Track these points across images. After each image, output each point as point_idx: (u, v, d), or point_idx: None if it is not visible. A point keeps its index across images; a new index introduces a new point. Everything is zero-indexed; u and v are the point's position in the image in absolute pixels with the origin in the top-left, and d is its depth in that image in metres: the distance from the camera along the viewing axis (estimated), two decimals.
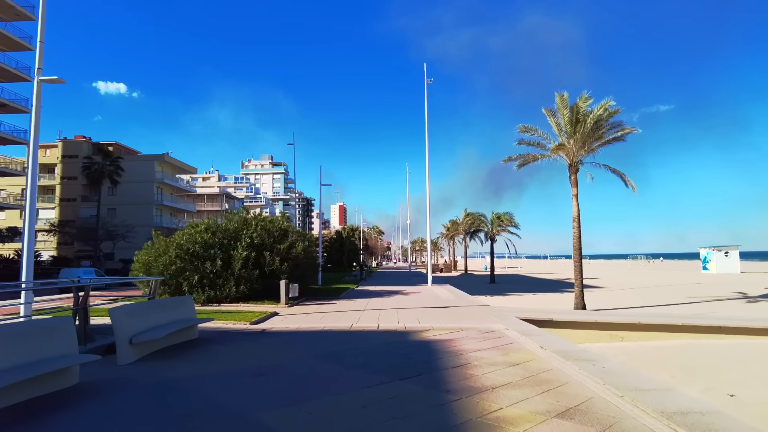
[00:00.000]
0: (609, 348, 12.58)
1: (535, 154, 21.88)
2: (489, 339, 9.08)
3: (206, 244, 16.26)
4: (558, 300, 26.06)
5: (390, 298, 18.29)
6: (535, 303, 24.18)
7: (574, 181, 21.16)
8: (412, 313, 13.13)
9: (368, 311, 13.77)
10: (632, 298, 27.36)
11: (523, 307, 18.17)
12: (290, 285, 15.67)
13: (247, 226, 17.49)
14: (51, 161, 62.29)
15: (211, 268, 15.62)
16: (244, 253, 16.00)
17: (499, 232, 39.95)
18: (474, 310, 14.00)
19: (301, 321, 11.87)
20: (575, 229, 21.09)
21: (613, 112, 20.12)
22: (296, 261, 17.42)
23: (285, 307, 14.93)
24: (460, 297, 18.85)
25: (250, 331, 10.41)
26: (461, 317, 12.35)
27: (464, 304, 16.09)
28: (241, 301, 15.71)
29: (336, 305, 15.69)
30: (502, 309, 14.89)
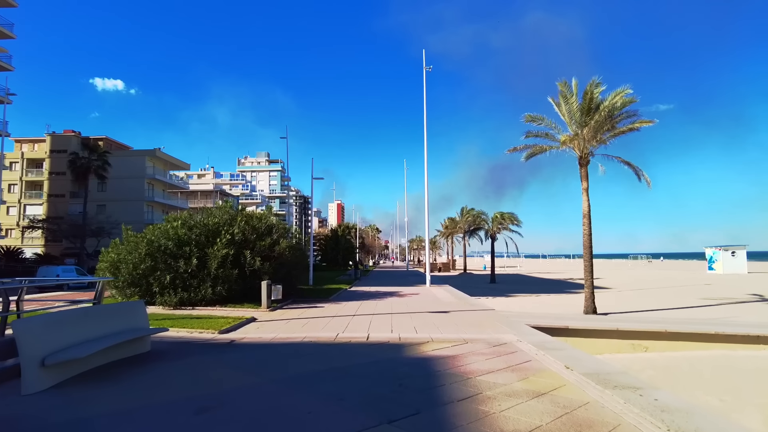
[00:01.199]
0: (634, 360, 11.02)
1: (543, 146, 20.28)
2: (501, 355, 7.49)
3: (180, 241, 14.63)
4: (565, 302, 24.51)
5: (385, 300, 16.69)
6: (540, 306, 22.61)
7: (585, 174, 19.58)
8: (409, 320, 11.53)
9: (359, 317, 12.17)
10: (643, 299, 25.82)
11: (530, 311, 16.59)
12: (273, 286, 14.06)
13: (230, 221, 15.87)
14: (39, 156, 60.46)
15: (185, 268, 14.00)
16: (223, 251, 14.37)
17: (500, 231, 38.39)
18: (478, 316, 12.41)
19: (279, 329, 10.26)
20: (586, 226, 19.53)
21: (628, 101, 18.53)
22: (280, 260, 15.80)
23: (265, 312, 13.32)
24: (461, 299, 17.26)
25: (216, 342, 8.79)
26: (464, 325, 10.76)
27: (466, 307, 14.50)
28: (218, 305, 14.10)
29: (324, 309, 14.08)
30: (508, 314, 13.31)
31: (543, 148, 20.28)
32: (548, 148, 20.07)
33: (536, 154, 20.73)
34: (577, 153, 19.62)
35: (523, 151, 20.70)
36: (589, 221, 19.58)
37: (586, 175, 19.58)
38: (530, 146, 20.51)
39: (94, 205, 54.95)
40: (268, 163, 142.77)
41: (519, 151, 20.74)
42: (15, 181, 58.73)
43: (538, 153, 20.62)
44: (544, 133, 19.84)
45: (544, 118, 19.80)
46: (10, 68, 40.50)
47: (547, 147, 20.14)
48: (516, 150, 20.72)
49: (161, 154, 61.59)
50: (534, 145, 20.41)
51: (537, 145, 20.41)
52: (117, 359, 6.98)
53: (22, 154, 59.83)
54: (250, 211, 17.79)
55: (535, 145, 20.42)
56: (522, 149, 20.60)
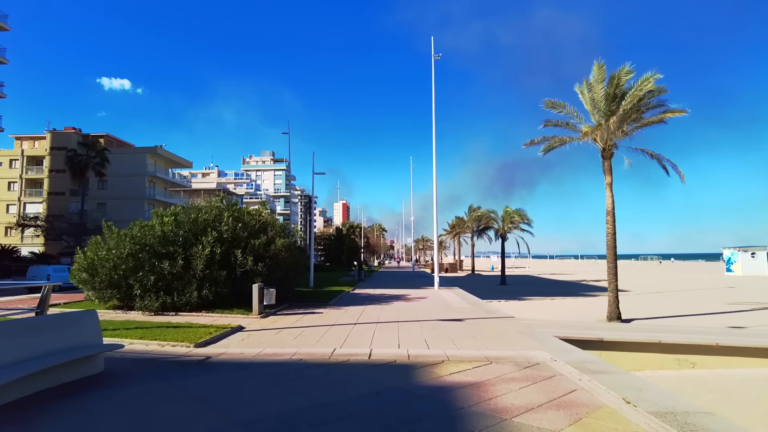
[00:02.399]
0: (682, 379, 9.41)
1: (563, 137, 18.65)
2: (536, 381, 5.94)
3: (165, 238, 13.20)
4: (583, 307, 22.85)
5: (390, 305, 15.17)
6: (559, 311, 20.98)
7: (608, 168, 17.95)
8: (418, 330, 10.00)
9: (361, 326, 10.65)
10: (666, 304, 24.08)
11: (552, 319, 14.99)
12: (265, 290, 12.59)
13: (219, 217, 14.42)
14: (39, 153, 59.58)
15: (169, 268, 12.56)
16: (208, 249, 12.92)
17: (510, 230, 36.70)
18: (497, 325, 10.86)
19: (267, 342, 8.76)
20: (609, 224, 17.90)
21: (658, 89, 16.86)
22: (276, 260, 14.32)
23: (256, 319, 11.84)
24: (474, 304, 15.70)
25: (188, 359, 7.32)
26: (484, 337, 9.20)
27: (482, 314, 12.94)
28: (205, 310, 12.65)
29: (322, 315, 12.58)
30: (530, 323, 11.74)
31: (563, 140, 18.66)
32: (569, 140, 18.44)
33: (555, 147, 19.11)
34: (600, 145, 18.00)
35: (541, 144, 19.10)
36: (613, 219, 17.95)
37: (609, 169, 17.96)
38: (549, 138, 18.90)
39: (95, 203, 53.97)
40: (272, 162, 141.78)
41: (537, 144, 19.13)
42: (15, 179, 57.92)
43: (557, 146, 19.00)
44: (564, 122, 18.22)
45: (565, 105, 18.19)
46: (5, 61, 39.44)
47: (567, 138, 18.52)
48: (533, 143, 19.12)
49: (162, 151, 60.45)
50: (553, 137, 18.79)
51: (556, 137, 18.79)
52: (55, 385, 5.53)
53: (22, 152, 59.00)
54: (243, 206, 16.33)
55: (554, 137, 18.80)
56: (540, 142, 18.99)
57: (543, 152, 19.37)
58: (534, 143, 19.08)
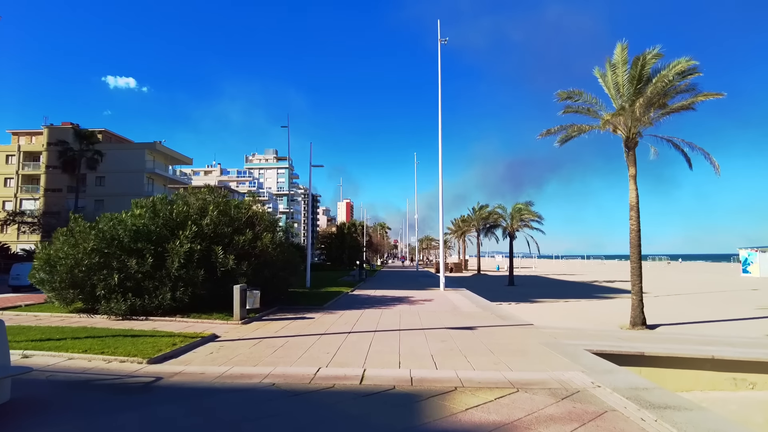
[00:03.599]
0: (743, 403, 7.78)
1: (582, 125, 16.98)
2: (584, 423, 4.34)
3: (138, 233, 11.71)
4: (602, 310, 21.18)
5: (392, 309, 13.60)
6: (576, 315, 19.33)
7: (632, 158, 16.30)
8: (423, 341, 8.42)
9: (356, 335, 9.09)
10: (690, 308, 22.35)
11: (575, 327, 13.36)
12: (248, 292, 11.05)
13: (202, 210, 12.91)
14: (36, 149, 58.43)
15: (138, 267, 11.07)
16: (186, 246, 11.41)
17: (519, 228, 35.02)
18: (515, 335, 9.26)
19: (240, 356, 7.22)
20: (633, 220, 16.26)
21: (690, 70, 15.16)
22: (263, 258, 12.79)
23: (236, 325, 10.31)
24: (484, 308, 14.10)
25: (131, 382, 5.78)
26: (503, 351, 7.61)
27: (495, 320, 11.35)
28: (180, 314, 11.14)
29: (313, 321, 11.03)
30: (553, 332, 10.13)
31: (582, 129, 17.00)
32: (588, 128, 16.77)
33: (573, 136, 17.47)
34: (623, 134, 16.35)
35: (558, 134, 17.44)
36: (638, 214, 16.31)
37: (633, 160, 16.30)
38: (566, 127, 17.23)
39: (92, 200, 52.79)
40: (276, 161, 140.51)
41: (553, 134, 17.46)
42: (11, 175, 56.84)
43: (576, 135, 17.36)
44: (585, 108, 16.56)
45: (582, 93, 16.53)
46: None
47: (587, 127, 16.84)
48: (550, 133, 17.46)
49: (162, 147, 59.07)
50: (571, 125, 17.13)
51: (574, 125, 17.12)
52: None
53: (18, 147, 57.83)
54: (233, 199, 14.79)
55: (572, 125, 17.14)
56: (557, 131, 17.33)
57: (559, 142, 17.74)
58: (551, 133, 17.43)
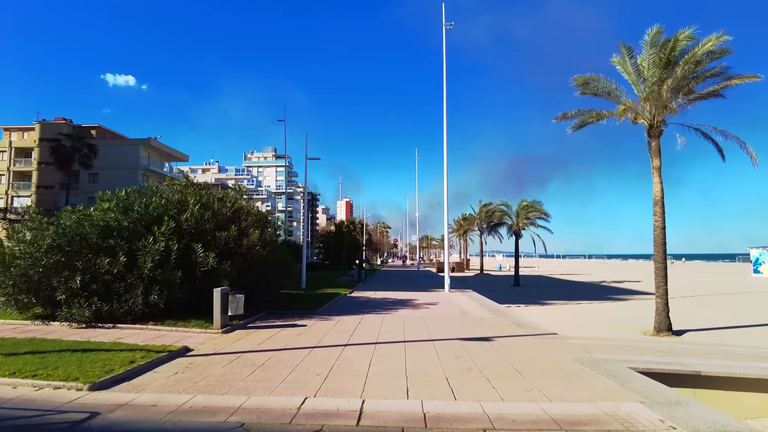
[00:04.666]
0: None
1: (600, 112, 15.58)
2: None
3: (108, 229, 10.32)
4: (619, 314, 19.79)
5: (394, 314, 12.21)
6: (593, 319, 17.94)
7: (656, 149, 14.90)
8: (434, 358, 7.03)
9: (353, 348, 7.70)
10: (711, 311, 20.95)
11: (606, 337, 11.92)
12: (231, 295, 9.65)
13: (183, 204, 11.51)
14: (28, 145, 56.95)
15: (107, 267, 9.67)
16: (162, 243, 10.01)
17: (526, 226, 33.63)
18: (541, 348, 7.87)
19: (208, 379, 5.83)
20: (658, 215, 14.85)
21: (721, 50, 13.76)
22: (250, 257, 11.40)
23: (215, 334, 8.92)
24: (497, 313, 12.70)
25: (55, 420, 4.38)
26: (532, 371, 6.22)
27: (512, 329, 9.95)
28: (154, 321, 9.74)
29: (305, 330, 9.64)
30: (582, 343, 8.73)
31: (600, 115, 15.58)
32: (608, 115, 15.35)
33: (589, 123, 16.06)
34: (646, 122, 14.95)
35: (573, 119, 16.04)
36: (662, 210, 14.90)
37: (658, 150, 14.90)
38: (583, 112, 15.83)
39: (85, 198, 51.36)
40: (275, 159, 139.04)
41: (569, 119, 16.04)
42: (2, 172, 55.43)
43: (592, 122, 15.96)
44: (605, 92, 15.12)
45: (601, 78, 15.10)
46: None
47: (606, 113, 15.42)
48: (566, 117, 16.04)
49: (156, 143, 57.61)
50: (589, 111, 15.72)
51: (593, 111, 15.71)
52: None
53: (10, 143, 56.37)
54: (218, 193, 13.36)
55: (590, 111, 15.73)
56: (573, 116, 15.92)
57: (573, 129, 16.34)
58: (566, 117, 16.01)
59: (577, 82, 15.05)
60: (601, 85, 14.96)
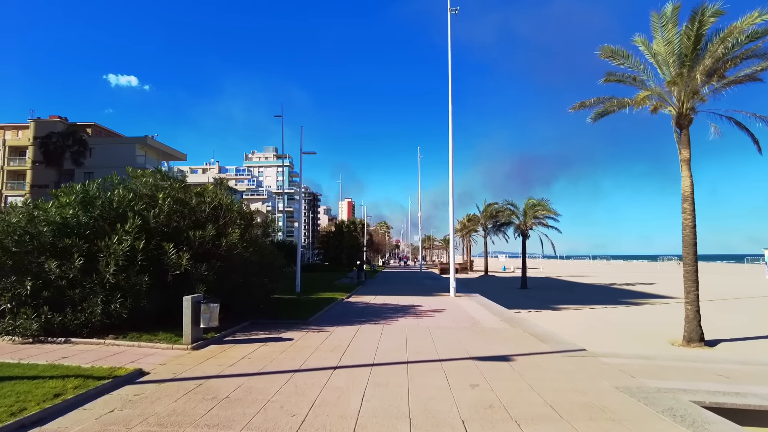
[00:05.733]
0: None
1: (622, 100, 14.14)
2: None
3: (66, 226, 8.95)
4: (638, 320, 18.31)
5: (395, 324, 10.78)
6: (612, 327, 16.48)
7: (686, 139, 13.45)
8: (444, 387, 5.60)
9: (343, 373, 6.28)
10: (737, 316, 19.44)
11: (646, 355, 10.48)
12: (204, 304, 8.24)
13: (152, 199, 10.12)
14: (22, 143, 55.74)
15: (58, 271, 8.30)
16: (127, 243, 8.63)
17: (533, 225, 32.18)
18: (573, 371, 6.44)
19: (151, 421, 4.42)
20: (687, 213, 13.40)
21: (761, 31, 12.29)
22: (230, 259, 9.99)
23: (184, 351, 7.52)
24: (512, 322, 11.25)
25: None
26: (571, 408, 4.77)
27: (534, 344, 8.51)
28: (115, 333, 8.35)
29: (290, 347, 8.22)
30: (616, 362, 7.29)
31: (623, 103, 14.14)
32: (631, 103, 13.91)
33: (610, 112, 14.66)
34: (674, 110, 13.52)
35: (593, 108, 14.62)
36: (692, 207, 13.46)
37: (687, 141, 13.46)
38: (604, 100, 14.40)
39: None
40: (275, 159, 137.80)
41: (588, 108, 14.63)
42: None
43: (613, 111, 14.54)
44: (631, 77, 13.71)
45: (629, 55, 13.65)
46: None
47: (629, 101, 13.97)
48: (584, 106, 14.61)
49: (153, 141, 56.30)
50: (610, 98, 14.29)
51: (614, 99, 14.29)
52: None
53: (3, 141, 55.22)
54: (203, 188, 11.95)
55: (612, 99, 14.30)
56: (593, 104, 14.49)
57: (593, 119, 14.95)
58: (585, 106, 14.58)
59: (604, 52, 13.53)
60: (629, 63, 13.48)
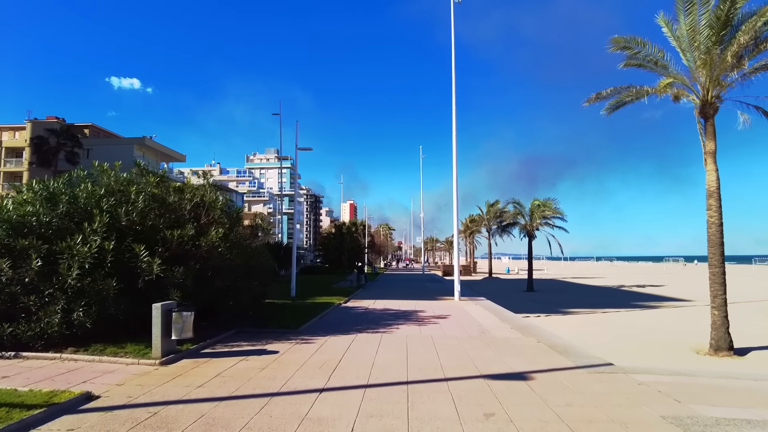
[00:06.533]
0: None
1: (641, 88, 13.07)
2: None
3: (23, 225, 7.98)
4: (655, 326, 17.20)
5: (395, 333, 9.74)
6: (630, 332, 15.37)
7: (711, 130, 12.42)
8: (452, 416, 4.56)
9: (330, 398, 5.24)
10: (764, 323, 18.30)
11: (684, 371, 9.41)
12: (176, 314, 7.23)
13: (124, 194, 9.14)
14: (19, 144, 55.01)
15: (15, 274, 7.32)
16: (95, 242, 7.64)
17: (540, 226, 31.10)
18: (603, 393, 5.38)
19: None
20: (713, 210, 12.33)
21: None
22: (212, 262, 8.98)
23: (150, 367, 6.50)
24: (524, 331, 10.17)
25: None
26: None
27: (553, 358, 7.45)
28: (76, 345, 7.35)
29: (273, 362, 7.20)
30: (650, 379, 6.23)
31: (641, 93, 13.06)
32: (651, 91, 12.83)
33: (626, 103, 13.61)
34: (698, 98, 12.48)
35: (609, 99, 13.58)
36: (718, 203, 12.38)
37: (713, 132, 12.43)
38: (620, 90, 13.33)
39: None
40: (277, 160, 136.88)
41: (603, 100, 13.57)
42: None
43: (631, 101, 13.49)
44: (652, 61, 12.64)
45: (646, 43, 12.60)
46: None
47: (648, 89, 12.90)
48: (600, 98, 13.55)
49: (151, 142, 55.47)
50: (628, 87, 13.22)
51: (632, 88, 13.21)
52: None
53: (0, 143, 54.55)
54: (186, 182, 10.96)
55: (630, 88, 13.23)
56: (609, 95, 13.44)
57: (608, 110, 13.91)
58: (600, 97, 13.53)
59: (616, 44, 12.53)
60: (645, 52, 12.46)
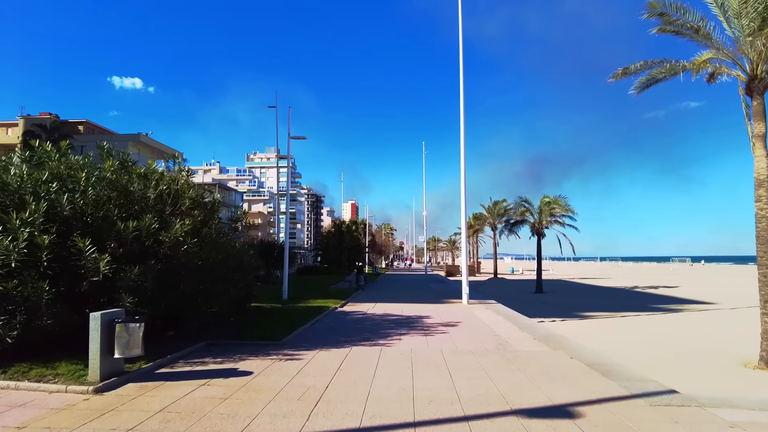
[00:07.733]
0: None
1: (675, 64, 11.52)
2: None
3: None
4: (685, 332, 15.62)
5: (397, 346, 8.17)
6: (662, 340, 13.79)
7: (760, 109, 10.86)
8: None
9: None
10: None
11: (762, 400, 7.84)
12: (119, 325, 5.69)
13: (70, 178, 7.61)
14: (11, 141, 53.59)
15: None
16: (24, 236, 6.12)
17: (549, 224, 29.52)
18: None
19: None
20: (763, 201, 10.76)
21: None
22: (177, 260, 7.44)
23: (81, 395, 4.96)
24: (550, 343, 8.58)
25: None
26: None
27: (601, 384, 5.89)
28: None
29: (241, 387, 5.65)
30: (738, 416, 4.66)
31: (675, 69, 11.51)
32: (689, 66, 11.25)
33: (659, 80, 12.11)
34: (743, 75, 10.95)
35: (639, 75, 12.05)
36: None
37: (762, 113, 10.87)
38: (652, 64, 11.80)
39: None
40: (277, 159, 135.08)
41: (632, 75, 12.05)
42: None
43: (664, 78, 11.98)
44: (693, 27, 11.06)
45: (688, 9, 11.02)
46: None
47: (685, 65, 11.34)
48: (627, 73, 12.00)
49: (147, 139, 53.98)
50: (661, 62, 11.67)
51: (665, 63, 11.66)
52: None
53: None
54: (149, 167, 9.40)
55: (663, 63, 11.67)
56: (638, 71, 11.90)
57: (638, 89, 12.42)
58: (628, 73, 11.97)
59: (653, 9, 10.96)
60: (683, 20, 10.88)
